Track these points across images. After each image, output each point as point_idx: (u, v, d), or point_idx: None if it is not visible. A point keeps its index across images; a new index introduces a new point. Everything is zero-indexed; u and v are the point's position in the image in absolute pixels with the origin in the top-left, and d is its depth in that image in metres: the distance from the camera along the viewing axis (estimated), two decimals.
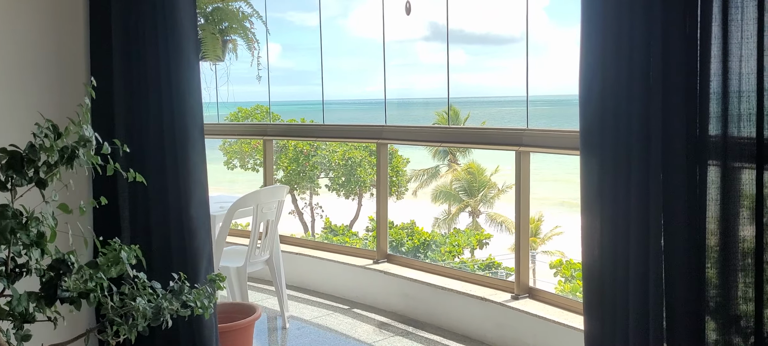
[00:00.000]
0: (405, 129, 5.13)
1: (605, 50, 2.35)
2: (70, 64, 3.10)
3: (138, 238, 3.06)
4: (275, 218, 4.54)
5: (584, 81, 2.41)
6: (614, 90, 2.35)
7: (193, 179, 2.95)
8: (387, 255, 5.24)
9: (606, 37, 2.34)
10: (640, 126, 2.31)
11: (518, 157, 4.21)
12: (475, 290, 4.45)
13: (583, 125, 2.46)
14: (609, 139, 2.40)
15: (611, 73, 2.34)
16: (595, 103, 2.40)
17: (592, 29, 2.38)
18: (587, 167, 2.49)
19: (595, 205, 2.49)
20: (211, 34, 3.38)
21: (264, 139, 5.94)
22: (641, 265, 2.38)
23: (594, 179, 2.51)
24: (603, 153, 2.43)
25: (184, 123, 2.92)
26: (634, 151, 2.34)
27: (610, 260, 2.51)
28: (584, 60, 2.42)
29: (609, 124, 2.38)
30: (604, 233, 2.51)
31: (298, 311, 5.05)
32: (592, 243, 2.56)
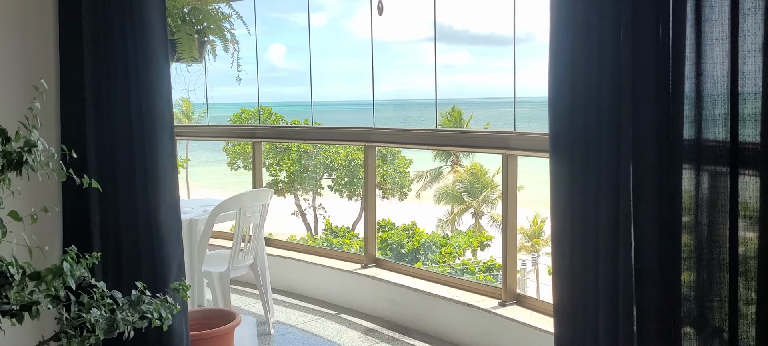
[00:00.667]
0: (393, 131, 5.05)
1: (575, 50, 2.27)
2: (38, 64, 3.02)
3: (108, 245, 2.99)
4: (259, 221, 4.47)
5: (553, 82, 2.33)
6: (584, 92, 2.28)
7: (162, 183, 2.87)
8: (375, 259, 5.16)
9: (575, 37, 2.26)
10: (610, 129, 2.24)
11: (505, 160, 4.12)
12: (462, 296, 4.36)
13: (553, 128, 2.38)
14: (579, 142, 2.34)
15: (581, 75, 2.27)
16: (564, 106, 2.32)
17: (561, 28, 2.30)
18: (557, 170, 2.42)
19: (566, 208, 2.42)
20: (187, 34, 3.30)
21: (253, 141, 5.87)
22: (610, 267, 2.31)
23: (564, 182, 2.45)
24: (572, 156, 2.36)
25: (152, 126, 2.84)
26: (603, 155, 2.27)
27: (580, 263, 2.45)
28: (553, 60, 2.34)
29: (579, 126, 2.31)
30: (574, 236, 2.45)
31: (284, 316, 4.98)
32: (562, 246, 2.50)
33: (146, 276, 2.86)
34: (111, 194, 2.93)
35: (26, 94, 2.93)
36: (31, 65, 2.98)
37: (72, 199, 2.97)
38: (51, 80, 3.00)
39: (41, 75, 2.97)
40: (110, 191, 2.92)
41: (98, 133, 2.94)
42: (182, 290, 2.38)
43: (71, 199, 2.98)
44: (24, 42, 2.94)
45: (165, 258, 2.88)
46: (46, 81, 3.03)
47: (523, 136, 4.04)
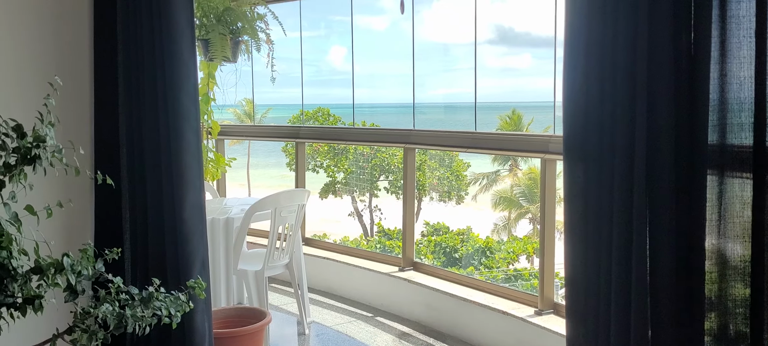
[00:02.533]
0: (432, 133, 4.97)
1: (589, 49, 2.15)
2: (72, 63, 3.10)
3: (136, 241, 3.04)
4: (296, 221, 4.47)
5: (567, 83, 2.22)
6: (597, 93, 2.16)
7: (186, 181, 2.90)
8: (413, 263, 5.09)
9: (590, 35, 2.15)
10: (625, 132, 2.13)
11: (544, 165, 3.99)
12: (497, 303, 4.25)
13: (566, 130, 2.28)
14: (592, 146, 2.22)
15: (594, 75, 2.15)
16: (578, 107, 2.21)
17: (575, 27, 2.19)
18: (570, 173, 2.31)
19: (579, 212, 2.31)
20: (220, 34, 3.34)
21: (296, 142, 5.90)
22: (624, 271, 2.20)
23: (577, 186, 2.34)
24: (586, 159, 2.25)
25: (177, 124, 2.87)
26: (617, 159, 2.16)
27: (593, 266, 2.34)
28: (567, 60, 2.23)
29: (592, 129, 2.20)
30: (588, 239, 2.34)
31: (320, 316, 4.97)
32: (575, 249, 2.40)
33: (170, 273, 2.89)
34: (139, 191, 2.98)
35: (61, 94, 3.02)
36: (65, 64, 3.07)
37: (104, 196, 3.04)
38: (85, 79, 3.08)
39: (75, 74, 3.06)
40: (139, 188, 2.97)
41: (129, 131, 3.00)
42: (198, 288, 2.38)
43: (103, 196, 3.04)
44: (58, 41, 3.03)
45: (188, 256, 2.91)
46: (80, 81, 3.12)
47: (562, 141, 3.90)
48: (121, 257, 3.05)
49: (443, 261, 20.12)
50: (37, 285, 1.80)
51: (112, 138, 3.03)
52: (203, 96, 6.00)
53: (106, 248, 2.36)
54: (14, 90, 2.94)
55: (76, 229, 3.11)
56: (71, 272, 1.79)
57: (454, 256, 20.32)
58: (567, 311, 2.47)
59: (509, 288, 4.42)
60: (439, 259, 20.06)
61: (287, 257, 4.53)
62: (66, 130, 2.91)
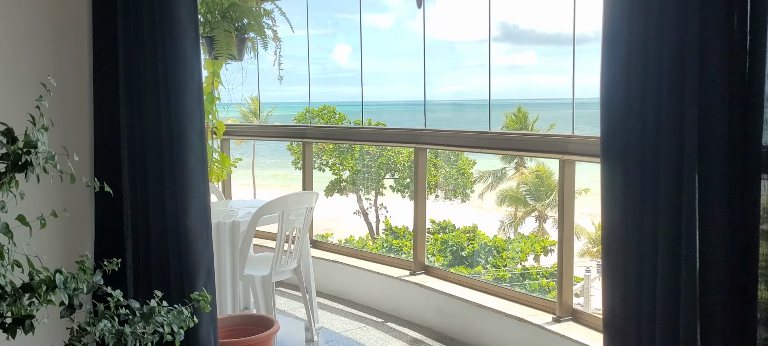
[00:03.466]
0: (444, 133, 4.82)
1: (631, 43, 1.98)
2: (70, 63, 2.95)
3: (139, 250, 2.89)
4: (304, 225, 4.33)
5: (606, 79, 2.06)
6: (640, 90, 1.99)
7: (190, 186, 2.75)
8: (424, 267, 4.94)
9: (631, 28, 1.98)
10: (671, 132, 1.95)
11: (562, 166, 3.83)
12: (513, 309, 4.10)
13: (605, 130, 2.11)
14: (634, 146, 2.05)
15: (637, 71, 1.98)
16: (618, 106, 2.04)
17: (616, 18, 2.02)
18: (609, 175, 2.14)
19: (619, 216, 2.15)
20: (225, 31, 3.19)
21: (303, 141, 5.75)
22: (670, 281, 2.02)
23: (617, 188, 2.18)
24: (626, 161, 2.08)
25: (181, 126, 2.72)
26: (663, 161, 1.98)
27: (634, 275, 2.17)
28: (606, 55, 2.06)
29: (634, 129, 2.03)
30: (627, 245, 2.17)
31: (329, 322, 4.83)
32: (614, 256, 2.22)
33: (174, 283, 2.75)
34: (141, 197, 2.84)
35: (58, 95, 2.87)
36: (62, 65, 2.92)
37: (105, 203, 2.90)
38: (84, 81, 2.93)
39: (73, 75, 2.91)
40: (140, 194, 2.83)
41: (130, 134, 2.85)
42: (203, 301, 2.23)
43: (104, 203, 2.90)
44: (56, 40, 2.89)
45: (193, 264, 2.76)
46: (79, 82, 2.97)
47: (582, 141, 3.74)
48: (122, 267, 2.92)
49: (450, 259, 19.98)
50: (29, 303, 1.66)
51: (112, 142, 2.89)
52: (207, 95, 5.86)
53: (105, 259, 2.22)
54: (8, 92, 2.80)
55: (76, 238, 2.97)
56: (64, 289, 1.65)
57: (460, 254, 20.16)
58: (605, 324, 2.29)
59: (525, 293, 4.26)
60: (446, 258, 19.91)
61: (295, 261, 4.38)
62: (63, 134, 2.77)
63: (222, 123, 6.01)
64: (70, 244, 2.91)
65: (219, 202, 5.16)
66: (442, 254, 19.78)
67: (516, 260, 20.02)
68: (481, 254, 19.89)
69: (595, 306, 21.44)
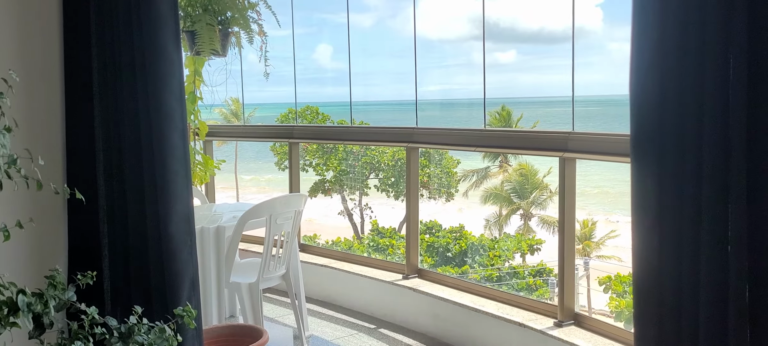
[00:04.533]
0: (437, 132, 4.65)
1: (665, 30, 1.79)
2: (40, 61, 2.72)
3: (117, 260, 2.68)
4: (292, 229, 4.13)
5: (636, 71, 1.88)
6: (678, 83, 1.81)
7: (172, 191, 2.55)
8: (418, 270, 4.77)
9: (665, 12, 1.79)
10: (716, 128, 1.75)
11: (562, 164, 3.68)
12: (513, 313, 3.94)
13: (636, 128, 1.93)
14: (670, 145, 1.86)
15: (674, 62, 1.80)
16: (651, 101, 1.86)
17: (649, 6, 1.84)
18: (641, 178, 1.95)
19: (653, 223, 1.95)
20: (207, 25, 2.98)
21: (290, 142, 5.55)
22: (716, 307, 1.83)
23: (651, 193, 1.98)
24: (662, 161, 1.88)
25: (161, 126, 2.52)
26: (706, 161, 1.79)
27: (673, 295, 1.98)
28: (637, 44, 1.88)
29: (670, 126, 1.84)
30: (663, 258, 1.98)
31: (319, 329, 4.63)
32: (648, 272, 2.03)
33: (156, 297, 2.55)
34: (119, 204, 2.62)
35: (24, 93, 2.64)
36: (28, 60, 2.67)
37: (79, 211, 2.68)
38: (55, 77, 2.71)
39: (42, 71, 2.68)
40: (118, 200, 2.62)
41: (106, 137, 2.64)
42: (187, 317, 2.04)
43: (78, 211, 2.68)
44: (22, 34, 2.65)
45: (176, 275, 2.56)
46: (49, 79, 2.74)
47: (583, 138, 3.58)
48: (99, 280, 2.70)
49: (437, 260, 19.83)
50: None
51: (87, 145, 2.67)
52: (189, 94, 5.64)
53: (80, 272, 2.03)
54: None
55: (47, 250, 2.74)
56: (27, 312, 1.45)
57: (447, 255, 20.03)
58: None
59: (524, 297, 4.10)
60: (433, 258, 19.76)
61: (284, 267, 4.19)
62: (29, 136, 2.55)
63: (204, 124, 5.79)
64: (40, 257, 2.69)
65: (202, 206, 4.94)
66: (428, 255, 19.64)
67: (503, 258, 19.93)
68: (468, 254, 19.77)
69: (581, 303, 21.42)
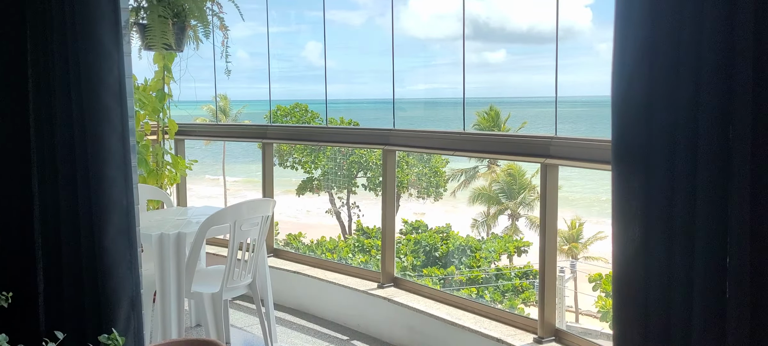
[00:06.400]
0: (415, 134, 4.43)
1: (655, 20, 1.57)
2: None
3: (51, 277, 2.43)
4: (260, 236, 3.90)
5: (620, 67, 1.65)
6: (669, 79, 1.58)
7: (108, 199, 2.30)
8: (393, 279, 4.55)
9: (655, 13, 1.57)
10: (714, 128, 1.53)
11: (544, 171, 3.47)
12: (491, 328, 3.73)
13: (618, 131, 1.70)
14: (659, 150, 1.64)
15: (664, 55, 1.58)
16: (637, 101, 1.64)
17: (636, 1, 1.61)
18: (624, 187, 1.73)
19: (638, 239, 1.73)
20: (159, 17, 2.74)
21: (263, 142, 5.31)
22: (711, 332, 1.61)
23: (635, 204, 1.77)
24: (649, 169, 1.67)
25: (96, 128, 2.28)
26: (702, 169, 1.57)
27: (658, 318, 1.76)
28: (620, 36, 1.65)
29: (659, 128, 1.62)
30: (650, 278, 1.76)
31: (288, 339, 4.40)
32: (630, 291, 1.81)
33: (90, 316, 2.31)
34: (52, 213, 2.38)
35: None
36: None
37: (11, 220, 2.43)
38: None
39: None
40: (51, 209, 2.37)
41: (39, 140, 2.39)
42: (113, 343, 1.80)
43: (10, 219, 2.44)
44: None
45: (111, 293, 2.32)
46: None
47: (566, 143, 3.38)
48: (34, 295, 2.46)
49: (423, 260, 19.63)
50: None
51: (22, 147, 2.42)
52: (158, 92, 5.39)
53: (9, 287, 1.80)
54: None
55: None
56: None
57: (434, 255, 19.84)
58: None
59: (504, 311, 3.89)
60: (419, 258, 19.56)
61: (250, 276, 3.95)
62: None
63: (174, 122, 5.54)
64: None
65: (169, 210, 4.69)
66: (414, 255, 19.44)
67: (489, 259, 19.77)
68: (454, 255, 19.60)
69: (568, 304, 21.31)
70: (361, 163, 28.20)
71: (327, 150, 28.06)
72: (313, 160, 27.90)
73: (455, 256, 19.91)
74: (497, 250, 20.11)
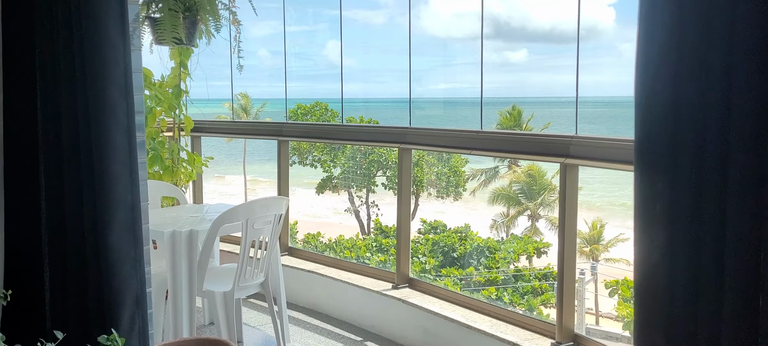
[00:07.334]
0: (432, 132, 4.34)
1: (683, 10, 1.47)
2: None
3: (56, 275, 2.38)
4: (272, 235, 3.84)
5: (643, 64, 1.55)
6: (699, 75, 1.48)
7: (113, 196, 2.26)
8: (409, 279, 4.47)
9: (682, 9, 1.47)
10: (751, 129, 1.43)
11: (564, 171, 3.37)
12: (507, 332, 3.63)
13: (643, 131, 1.61)
14: (687, 151, 1.54)
15: (693, 49, 1.48)
16: (664, 98, 1.54)
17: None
18: (648, 190, 1.63)
19: (663, 246, 1.63)
20: (170, 10, 2.69)
21: (279, 140, 5.26)
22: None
23: (660, 209, 1.67)
24: (676, 171, 1.56)
25: (101, 123, 2.23)
26: (734, 172, 1.46)
27: (683, 327, 1.66)
28: (644, 31, 1.56)
29: (686, 128, 1.52)
30: (675, 287, 1.66)
31: (301, 339, 4.35)
32: (654, 302, 1.71)
33: (94, 315, 2.27)
34: (58, 210, 2.34)
35: None
36: None
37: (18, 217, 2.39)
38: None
39: None
40: (56, 207, 2.33)
41: (46, 136, 2.34)
42: (112, 344, 1.75)
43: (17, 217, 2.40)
44: None
45: (116, 292, 2.27)
46: None
47: (587, 143, 3.27)
48: (40, 292, 2.42)
49: (441, 260, 19.53)
50: None
51: (30, 144, 2.38)
52: (174, 88, 5.37)
53: (17, 285, 1.76)
54: None
55: None
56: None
57: (452, 255, 19.71)
58: None
59: (521, 314, 3.79)
60: (437, 258, 19.46)
61: (262, 275, 3.90)
62: None
63: (190, 119, 5.51)
64: None
65: (183, 207, 4.65)
66: (433, 255, 19.34)
67: (508, 260, 19.60)
68: (473, 256, 19.46)
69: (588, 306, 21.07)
70: (380, 163, 28.17)
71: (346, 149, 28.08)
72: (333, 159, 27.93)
73: (474, 257, 19.77)
74: (516, 251, 19.94)
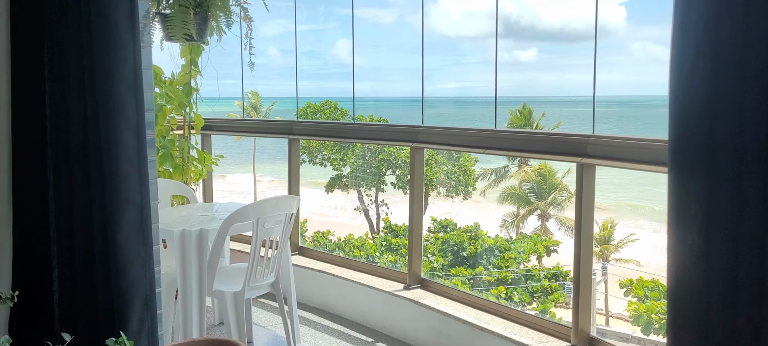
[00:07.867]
0: (445, 131, 4.28)
1: (720, 13, 1.41)
2: None
3: (65, 275, 2.35)
4: (283, 234, 3.79)
5: (679, 60, 1.49)
6: (738, 71, 1.41)
7: (122, 196, 2.21)
8: (421, 280, 4.41)
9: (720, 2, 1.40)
10: None
11: (581, 171, 3.30)
12: (521, 334, 3.57)
13: (678, 130, 1.53)
14: (725, 152, 1.46)
15: (733, 44, 1.41)
16: (701, 96, 1.47)
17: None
18: (683, 193, 1.55)
19: (699, 251, 1.55)
20: (180, 6, 2.65)
21: (289, 138, 5.21)
22: None
23: (696, 212, 1.59)
24: (713, 172, 1.48)
25: (110, 121, 2.18)
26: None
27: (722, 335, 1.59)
28: (680, 28, 1.49)
29: (726, 127, 1.45)
30: (711, 295, 1.59)
31: (312, 339, 4.30)
32: (689, 309, 1.64)
33: (103, 316, 2.22)
34: (66, 209, 2.30)
35: None
36: None
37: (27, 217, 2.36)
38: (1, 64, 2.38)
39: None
40: (65, 205, 2.29)
41: (55, 133, 2.31)
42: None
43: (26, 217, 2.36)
44: None
45: (125, 292, 2.23)
46: None
47: (605, 142, 3.20)
48: (49, 292, 2.39)
49: (451, 259, 19.45)
50: None
51: (39, 141, 2.34)
52: (185, 86, 5.33)
53: (25, 286, 1.72)
54: None
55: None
56: None
57: (461, 254, 19.63)
58: None
59: (535, 316, 3.73)
60: (447, 257, 19.38)
61: (273, 275, 3.85)
62: None
63: (200, 117, 5.48)
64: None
65: (194, 205, 4.62)
66: (442, 254, 19.26)
67: (518, 260, 19.49)
68: (483, 255, 19.37)
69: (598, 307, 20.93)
70: (389, 162, 28.11)
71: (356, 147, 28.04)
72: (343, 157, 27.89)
73: (483, 256, 19.68)
74: (526, 250, 19.82)
